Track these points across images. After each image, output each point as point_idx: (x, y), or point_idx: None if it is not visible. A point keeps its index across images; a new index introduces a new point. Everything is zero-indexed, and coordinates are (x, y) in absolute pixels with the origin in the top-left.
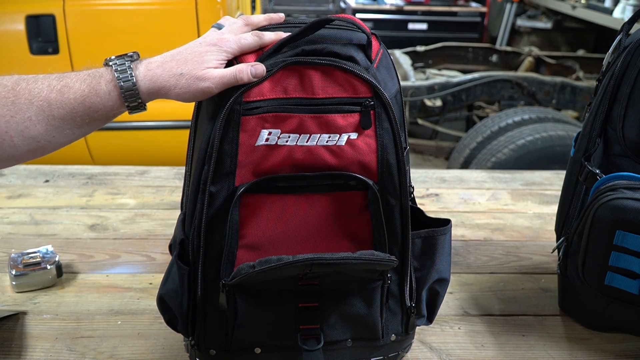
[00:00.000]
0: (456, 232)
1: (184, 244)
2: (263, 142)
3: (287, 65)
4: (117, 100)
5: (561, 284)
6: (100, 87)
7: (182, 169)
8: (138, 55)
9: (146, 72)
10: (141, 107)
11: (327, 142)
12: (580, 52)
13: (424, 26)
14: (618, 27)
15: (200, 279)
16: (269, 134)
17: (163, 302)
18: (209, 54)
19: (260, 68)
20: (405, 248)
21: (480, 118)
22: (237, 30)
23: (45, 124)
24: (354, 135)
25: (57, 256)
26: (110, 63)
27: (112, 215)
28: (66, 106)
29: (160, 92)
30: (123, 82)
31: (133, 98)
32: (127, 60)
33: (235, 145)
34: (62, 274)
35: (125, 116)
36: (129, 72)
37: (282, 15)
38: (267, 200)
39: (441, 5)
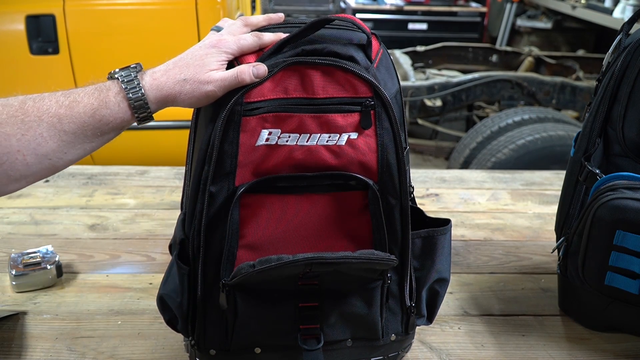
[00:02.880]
0: (456, 232)
1: (184, 244)
2: (263, 142)
3: (287, 66)
4: (127, 111)
5: (561, 284)
6: (109, 99)
7: (182, 169)
8: (141, 66)
9: (152, 81)
10: (150, 117)
11: (327, 141)
12: (580, 52)
13: (424, 26)
14: (618, 27)
15: (200, 279)
16: (269, 133)
17: (163, 302)
18: (209, 56)
19: (262, 68)
20: (405, 248)
21: (480, 118)
22: (236, 31)
23: (57, 140)
24: (354, 135)
25: (57, 256)
26: (116, 75)
27: (112, 215)
28: (77, 120)
29: (168, 100)
30: (132, 93)
31: (142, 108)
32: (132, 72)
33: (235, 145)
34: (62, 274)
35: None
36: (136, 83)
37: (281, 15)
38: (267, 200)
39: (441, 5)
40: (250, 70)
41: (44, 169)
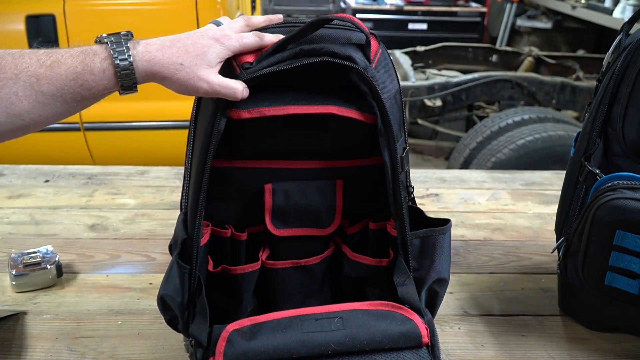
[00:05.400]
0: (456, 232)
1: (186, 244)
2: None
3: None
4: (112, 78)
5: (561, 284)
6: (95, 65)
7: (182, 169)
8: (132, 34)
9: (144, 53)
10: (134, 88)
11: None
12: (580, 52)
13: (424, 26)
14: (618, 27)
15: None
16: None
17: (164, 303)
18: (211, 49)
19: (247, 92)
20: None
21: (480, 118)
22: (238, 29)
23: (32, 100)
24: None
25: (57, 256)
26: (105, 40)
27: (112, 215)
28: (56, 82)
29: (156, 77)
30: (120, 60)
31: (128, 78)
32: (122, 38)
33: None
34: (62, 274)
35: (125, 116)
36: (125, 50)
37: (280, 16)
38: None
39: (441, 5)
40: (243, 92)
41: (15, 129)
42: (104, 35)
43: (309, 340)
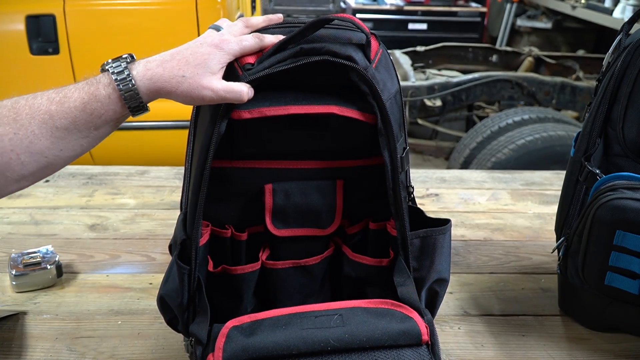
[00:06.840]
0: (456, 232)
1: (185, 244)
2: None
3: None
4: (118, 102)
5: (561, 284)
6: (99, 92)
7: (182, 169)
8: (133, 56)
9: (145, 71)
10: (143, 107)
11: None
12: (580, 52)
13: (424, 26)
14: (618, 27)
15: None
16: None
17: (163, 303)
18: (211, 56)
19: (252, 92)
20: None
21: (480, 118)
22: (237, 32)
23: (49, 137)
24: None
25: (57, 256)
26: (107, 67)
27: (112, 215)
28: (68, 116)
29: (161, 93)
30: (122, 84)
31: (133, 99)
32: (122, 62)
33: None
34: (62, 274)
35: None
36: (126, 73)
37: (280, 16)
38: None
39: (441, 5)
40: (248, 93)
41: (41, 168)
42: (107, 61)
43: (309, 336)
